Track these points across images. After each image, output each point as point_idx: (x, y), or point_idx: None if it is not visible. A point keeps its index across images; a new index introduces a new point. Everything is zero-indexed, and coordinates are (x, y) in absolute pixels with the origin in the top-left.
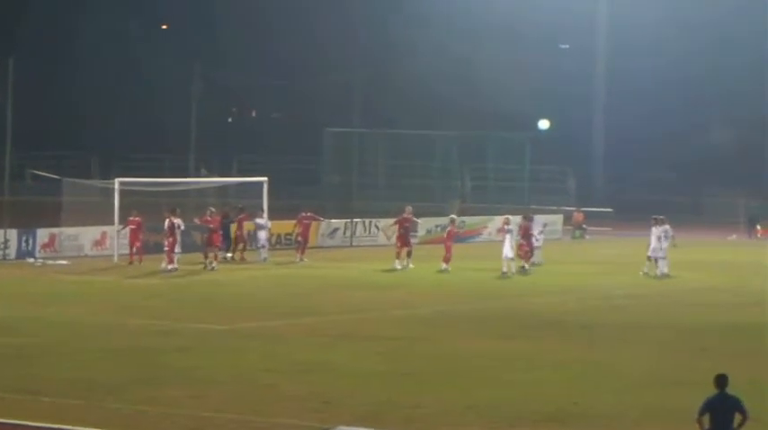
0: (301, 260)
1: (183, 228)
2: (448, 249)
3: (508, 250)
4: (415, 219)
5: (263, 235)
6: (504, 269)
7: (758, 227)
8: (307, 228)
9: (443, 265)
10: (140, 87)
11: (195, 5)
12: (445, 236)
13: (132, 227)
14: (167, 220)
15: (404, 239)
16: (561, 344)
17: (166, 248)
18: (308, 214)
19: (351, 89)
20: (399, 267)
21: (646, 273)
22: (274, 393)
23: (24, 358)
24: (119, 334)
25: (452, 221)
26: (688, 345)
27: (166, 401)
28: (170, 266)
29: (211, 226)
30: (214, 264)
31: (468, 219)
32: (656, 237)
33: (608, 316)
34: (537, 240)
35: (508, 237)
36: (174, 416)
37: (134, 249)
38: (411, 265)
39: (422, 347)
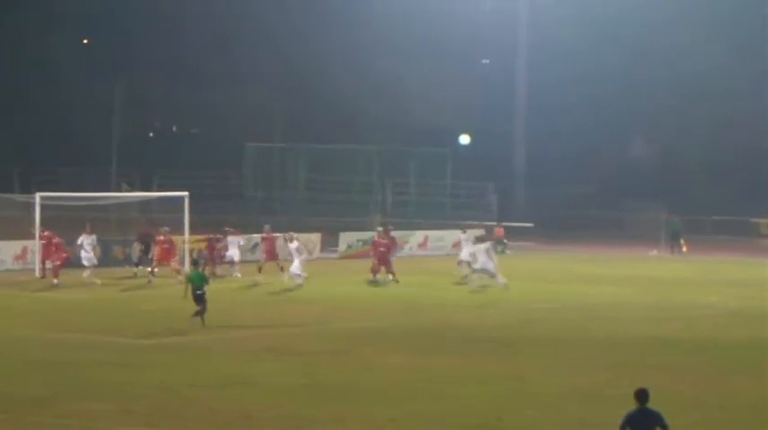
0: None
1: (94, 244)
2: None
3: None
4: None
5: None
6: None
7: (682, 241)
8: (271, 244)
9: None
10: (60, 101)
11: (116, 21)
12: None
13: (43, 242)
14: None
15: (270, 255)
16: (483, 359)
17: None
18: (271, 234)
19: (271, 104)
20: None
21: (466, 276)
22: (198, 407)
23: None
24: (42, 347)
25: (378, 232)
26: (608, 360)
27: (90, 415)
28: (55, 281)
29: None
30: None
31: None
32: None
33: (529, 330)
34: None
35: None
36: (97, 429)
37: (45, 264)
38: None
39: (343, 362)
